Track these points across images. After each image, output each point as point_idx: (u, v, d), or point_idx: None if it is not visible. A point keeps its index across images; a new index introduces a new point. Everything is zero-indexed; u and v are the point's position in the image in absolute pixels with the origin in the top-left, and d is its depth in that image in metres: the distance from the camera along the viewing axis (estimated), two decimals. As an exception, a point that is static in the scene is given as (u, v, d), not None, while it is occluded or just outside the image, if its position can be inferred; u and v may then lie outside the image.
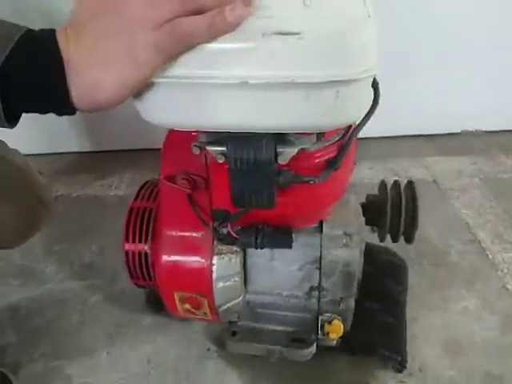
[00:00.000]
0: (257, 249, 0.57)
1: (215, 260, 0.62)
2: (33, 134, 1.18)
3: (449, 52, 1.13)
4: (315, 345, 0.66)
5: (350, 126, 0.51)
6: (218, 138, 0.46)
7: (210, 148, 0.47)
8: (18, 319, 0.83)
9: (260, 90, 0.38)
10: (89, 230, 1.00)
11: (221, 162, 0.47)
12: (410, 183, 0.69)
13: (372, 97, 0.47)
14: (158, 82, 0.39)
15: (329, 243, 0.61)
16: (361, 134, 0.52)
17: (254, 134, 0.44)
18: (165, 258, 0.63)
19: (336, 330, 0.63)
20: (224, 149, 0.46)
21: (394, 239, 0.69)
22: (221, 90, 0.39)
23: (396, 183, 0.70)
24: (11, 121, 0.39)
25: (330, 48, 0.36)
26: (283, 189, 0.50)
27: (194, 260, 0.63)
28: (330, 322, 0.64)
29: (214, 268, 0.62)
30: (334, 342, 0.67)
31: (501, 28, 1.12)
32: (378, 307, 0.75)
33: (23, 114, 0.40)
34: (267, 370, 0.73)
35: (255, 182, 0.48)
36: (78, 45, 0.36)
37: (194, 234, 0.62)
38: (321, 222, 0.61)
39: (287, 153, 0.46)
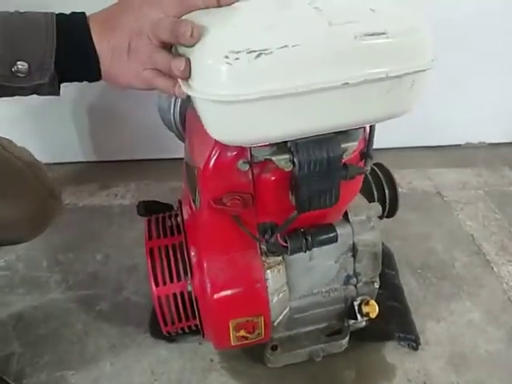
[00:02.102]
0: (305, 252, 0.59)
1: (268, 275, 0.61)
2: (38, 144, 1.19)
3: (453, 64, 1.14)
4: (349, 332, 0.71)
5: None
6: (281, 147, 0.49)
7: (276, 158, 0.49)
8: (22, 328, 0.83)
9: (355, 88, 0.41)
10: (94, 240, 1.00)
11: (288, 170, 0.49)
12: (380, 165, 0.75)
13: None
14: (248, 100, 0.39)
15: (359, 229, 0.64)
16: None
17: (324, 135, 0.47)
18: (215, 287, 0.59)
19: (373, 308, 0.67)
20: (289, 156, 0.48)
21: (381, 217, 0.72)
22: (318, 95, 0.41)
23: None
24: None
25: (411, 42, 0.42)
26: None
27: (247, 280, 0.60)
28: (366, 303, 0.67)
29: (269, 283, 0.61)
30: (364, 323, 0.71)
31: (505, 40, 1.13)
32: (383, 294, 0.77)
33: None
34: (270, 382, 0.73)
35: (325, 182, 0.51)
36: (107, 37, 0.43)
37: (242, 254, 0.60)
38: (345, 213, 0.64)
39: (350, 147, 0.50)
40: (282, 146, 0.49)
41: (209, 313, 0.62)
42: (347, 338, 0.71)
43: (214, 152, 0.52)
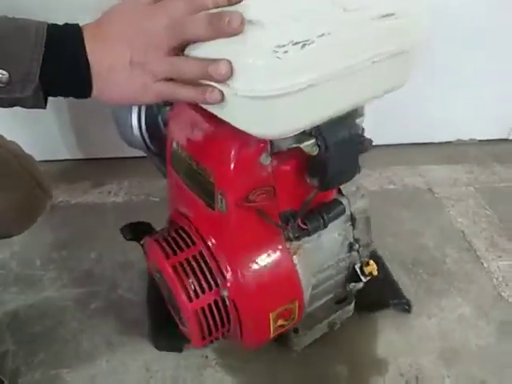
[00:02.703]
0: (322, 229, 0.61)
1: (295, 259, 0.62)
2: (30, 141, 1.18)
3: (444, 61, 1.15)
4: (353, 296, 0.77)
5: None
6: (303, 133, 0.50)
7: (303, 144, 0.51)
8: (17, 327, 0.83)
9: (379, 65, 0.45)
10: (88, 238, 1.00)
11: (315, 153, 0.51)
12: None
13: None
14: (299, 89, 0.41)
15: (353, 199, 0.68)
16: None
17: (345, 114, 0.50)
18: (252, 285, 0.60)
19: (373, 267, 0.71)
20: (315, 140, 0.51)
21: None
22: (353, 75, 0.44)
23: None
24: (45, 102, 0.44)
25: (413, 21, 0.47)
26: None
27: (281, 270, 0.61)
28: (367, 264, 0.71)
29: (298, 267, 0.63)
30: (362, 284, 0.74)
31: (498, 38, 1.14)
32: None
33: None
34: (265, 378, 0.74)
35: (349, 158, 0.54)
36: (103, 50, 0.41)
37: (271, 246, 0.61)
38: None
39: (361, 122, 0.54)
40: (304, 133, 0.50)
41: (249, 312, 0.62)
42: (353, 303, 0.77)
43: (234, 152, 0.52)
